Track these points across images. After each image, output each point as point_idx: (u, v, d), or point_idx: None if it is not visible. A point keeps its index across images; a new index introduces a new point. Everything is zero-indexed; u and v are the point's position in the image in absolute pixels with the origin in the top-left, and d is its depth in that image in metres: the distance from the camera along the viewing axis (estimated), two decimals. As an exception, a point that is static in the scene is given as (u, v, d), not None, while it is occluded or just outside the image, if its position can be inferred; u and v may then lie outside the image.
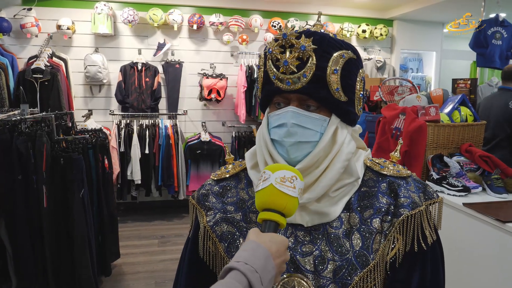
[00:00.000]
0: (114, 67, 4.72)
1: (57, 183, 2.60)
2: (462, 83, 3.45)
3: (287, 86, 0.78)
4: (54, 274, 2.59)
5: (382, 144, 2.66)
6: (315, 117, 0.80)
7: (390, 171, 0.86)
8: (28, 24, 4.36)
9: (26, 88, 4.14)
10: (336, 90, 0.79)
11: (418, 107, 2.51)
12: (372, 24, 5.34)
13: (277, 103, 0.83)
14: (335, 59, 0.79)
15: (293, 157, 0.80)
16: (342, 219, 0.82)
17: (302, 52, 0.77)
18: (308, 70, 0.77)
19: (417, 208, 0.80)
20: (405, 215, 0.79)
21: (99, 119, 4.74)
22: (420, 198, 0.83)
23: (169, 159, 4.53)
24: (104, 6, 4.47)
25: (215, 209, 0.89)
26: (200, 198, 0.92)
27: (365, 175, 0.87)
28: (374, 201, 0.82)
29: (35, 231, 2.56)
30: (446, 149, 2.50)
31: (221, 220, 0.86)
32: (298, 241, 0.81)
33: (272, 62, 0.80)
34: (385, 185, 0.84)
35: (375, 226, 0.79)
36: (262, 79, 0.84)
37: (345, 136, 0.83)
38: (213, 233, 0.86)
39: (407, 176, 0.86)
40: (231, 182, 0.93)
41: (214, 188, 0.92)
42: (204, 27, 4.89)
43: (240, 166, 0.95)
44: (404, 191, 0.82)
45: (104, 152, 3.16)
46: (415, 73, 6.25)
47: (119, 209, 4.87)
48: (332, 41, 0.80)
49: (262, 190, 0.71)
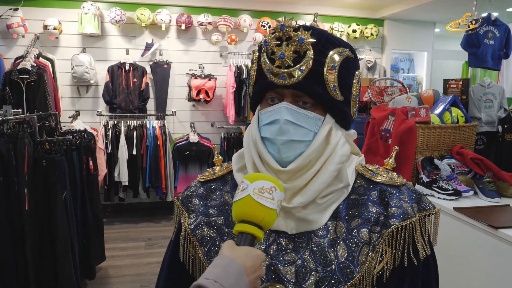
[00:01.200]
0: (101, 67, 4.64)
1: (39, 185, 2.53)
2: (453, 83, 3.44)
3: (281, 81, 0.74)
4: (36, 278, 2.52)
5: (371, 146, 2.62)
6: (309, 115, 0.76)
7: (382, 179, 0.81)
8: (14, 24, 4.27)
9: (13, 89, 4.05)
10: (333, 88, 0.75)
11: (408, 108, 2.48)
12: (363, 24, 5.31)
13: (270, 99, 0.78)
14: (333, 56, 0.75)
15: (285, 157, 0.75)
16: (329, 227, 0.77)
17: (300, 45, 0.73)
18: (304, 64, 0.73)
19: (409, 219, 0.75)
20: (395, 226, 0.74)
21: (87, 120, 4.66)
22: (413, 208, 0.77)
23: (156, 160, 4.47)
24: (91, 6, 4.39)
25: (197, 211, 0.85)
26: (184, 199, 0.89)
27: (356, 182, 0.83)
28: (363, 210, 0.78)
29: (17, 234, 2.48)
30: (437, 151, 2.47)
31: (203, 224, 0.82)
32: (281, 249, 0.77)
33: (267, 55, 0.76)
34: (376, 193, 0.79)
35: (362, 236, 0.75)
36: (255, 74, 0.80)
37: (339, 138, 0.78)
38: (194, 237, 0.82)
39: (401, 184, 0.80)
40: (216, 184, 0.89)
41: (199, 190, 0.89)
42: (193, 27, 4.83)
43: (227, 168, 0.91)
44: (395, 200, 0.77)
45: (89, 154, 3.09)
46: (406, 73, 6.24)
47: (107, 211, 4.79)
48: (331, 37, 0.77)
49: (239, 200, 0.67)
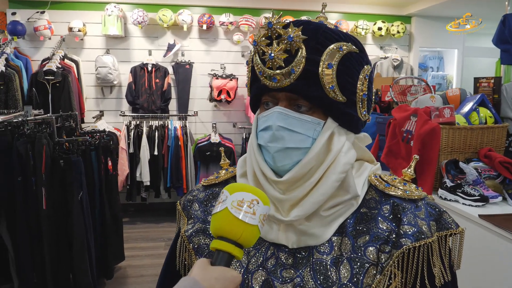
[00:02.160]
0: (124, 68, 4.70)
1: (56, 185, 2.57)
2: (484, 82, 3.24)
3: (274, 83, 0.68)
4: (53, 277, 2.57)
5: (393, 148, 2.50)
6: (306, 119, 0.68)
7: (397, 191, 0.71)
8: (41, 27, 4.40)
9: (39, 90, 4.18)
10: (330, 89, 0.67)
11: (432, 108, 2.34)
12: (389, 21, 5.13)
13: (265, 103, 0.72)
14: (330, 52, 0.67)
15: (280, 165, 0.69)
16: (333, 243, 0.70)
17: (290, 44, 0.66)
18: (296, 64, 0.66)
19: (423, 240, 0.66)
20: (407, 246, 0.65)
21: (110, 120, 4.74)
22: (430, 227, 0.68)
23: (178, 160, 4.48)
24: (114, 7, 4.46)
25: (195, 218, 0.81)
26: (185, 204, 0.85)
27: (368, 193, 0.74)
28: (372, 225, 0.69)
29: (34, 233, 2.54)
30: (462, 154, 2.32)
31: (200, 231, 0.78)
32: (279, 263, 0.70)
33: (258, 56, 0.70)
34: (388, 208, 0.70)
35: (369, 256, 0.66)
36: (250, 76, 0.74)
37: (342, 144, 0.70)
38: (190, 244, 0.78)
39: (418, 198, 0.71)
40: (219, 189, 0.83)
41: (201, 194, 0.84)
42: (214, 27, 4.81)
43: (231, 172, 0.86)
44: (410, 216, 0.68)
45: (108, 154, 3.12)
46: (436, 72, 5.99)
47: (129, 210, 4.86)
48: (329, 31, 0.68)
49: (216, 214, 0.60)
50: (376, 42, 5.25)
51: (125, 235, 3.44)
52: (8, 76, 4.03)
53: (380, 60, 5.04)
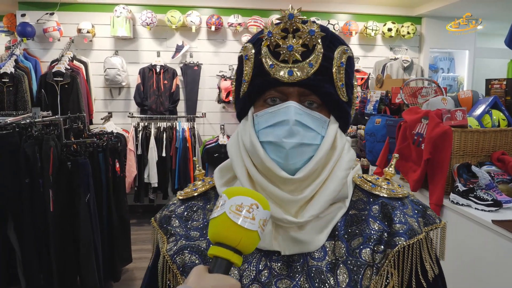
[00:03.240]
0: (133, 69, 4.72)
1: (63, 187, 2.57)
2: (497, 83, 3.18)
3: (288, 76, 0.66)
4: (60, 278, 2.57)
5: (403, 151, 2.45)
6: (317, 116, 0.68)
7: (383, 191, 0.73)
8: (50, 29, 4.44)
9: (48, 91, 4.21)
10: (341, 86, 0.69)
11: (443, 110, 2.29)
12: (399, 22, 5.08)
13: (270, 99, 0.69)
14: (340, 52, 0.69)
15: (292, 163, 0.66)
16: (326, 249, 0.68)
17: (310, 38, 0.66)
18: (315, 59, 0.66)
19: (416, 237, 0.67)
20: (401, 245, 0.66)
21: (119, 122, 4.75)
22: (419, 223, 0.70)
23: (186, 162, 4.48)
24: (123, 9, 4.48)
25: (177, 235, 0.75)
26: (162, 220, 0.79)
27: (354, 195, 0.74)
28: (364, 227, 0.69)
29: (41, 235, 2.54)
30: (475, 158, 2.27)
31: (184, 249, 0.73)
32: (274, 274, 0.67)
33: (269, 48, 0.68)
34: (377, 208, 0.71)
35: (364, 257, 0.66)
36: (251, 71, 0.70)
37: (344, 142, 0.72)
38: (174, 264, 0.72)
39: (404, 196, 0.73)
40: (198, 202, 0.79)
41: (179, 209, 0.79)
42: (223, 28, 4.80)
43: (210, 183, 0.81)
44: (399, 215, 0.69)
45: (116, 156, 3.12)
46: (446, 73, 5.91)
47: (137, 212, 4.86)
48: (335, 34, 0.72)
49: (214, 219, 0.58)
50: (386, 43, 5.19)
51: (133, 236, 3.43)
52: (18, 78, 4.06)
53: (390, 61, 4.98)
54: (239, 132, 0.74)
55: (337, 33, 4.91)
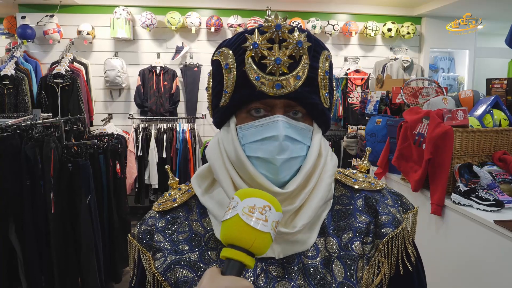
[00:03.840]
0: (133, 71, 4.72)
1: (64, 188, 2.57)
2: (497, 83, 3.18)
3: (275, 90, 0.64)
4: (61, 280, 2.56)
5: (404, 151, 2.45)
6: (302, 127, 0.68)
7: (363, 185, 0.76)
8: (50, 31, 4.44)
9: (48, 93, 4.21)
10: (326, 95, 0.70)
11: (444, 110, 2.28)
12: (399, 22, 5.08)
13: (254, 110, 0.67)
14: (323, 60, 0.69)
15: (281, 177, 0.66)
16: (318, 245, 0.70)
17: (297, 50, 0.64)
18: (301, 71, 0.65)
19: (401, 225, 0.72)
20: (390, 235, 0.70)
21: (119, 123, 4.75)
22: (400, 212, 0.74)
23: (186, 163, 4.47)
24: (123, 11, 4.48)
25: (164, 250, 0.71)
26: (143, 236, 0.75)
27: (336, 190, 0.76)
28: (351, 221, 0.72)
29: (42, 237, 2.54)
30: (476, 158, 2.26)
31: (175, 264, 0.69)
32: (270, 277, 0.67)
33: (253, 60, 0.65)
34: (361, 201, 0.74)
35: (356, 250, 0.69)
36: (233, 81, 0.67)
37: (328, 148, 0.73)
38: (165, 281, 0.69)
39: (381, 188, 0.76)
40: (180, 213, 0.75)
41: (160, 223, 0.75)
42: (222, 29, 4.80)
43: (188, 191, 0.78)
44: (383, 206, 0.73)
45: (116, 157, 3.12)
46: (446, 73, 5.90)
47: (138, 213, 4.85)
48: (317, 40, 0.70)
49: (226, 221, 0.57)
50: (385, 43, 5.19)
51: (133, 238, 3.42)
52: (18, 80, 4.06)
53: (390, 61, 4.98)
54: (220, 141, 0.71)
55: (337, 33, 4.93)
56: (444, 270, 2.10)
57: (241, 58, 0.66)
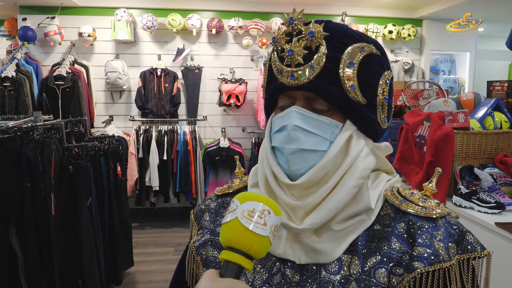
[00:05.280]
0: (134, 73, 4.72)
1: (65, 190, 2.56)
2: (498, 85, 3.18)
3: (291, 81, 0.65)
4: (62, 282, 2.56)
5: (405, 154, 2.45)
6: (324, 120, 0.65)
7: (414, 208, 0.65)
8: (51, 32, 4.44)
9: (49, 95, 4.21)
10: (351, 88, 0.64)
11: (445, 112, 2.29)
12: (399, 24, 5.08)
13: (281, 107, 0.69)
14: (351, 51, 0.65)
15: (294, 169, 0.65)
16: (342, 262, 0.65)
17: (311, 40, 0.64)
18: (316, 61, 0.64)
19: (439, 264, 0.59)
20: (419, 271, 0.59)
21: (120, 125, 4.75)
22: (449, 249, 0.61)
23: (187, 165, 4.47)
24: (124, 12, 4.48)
25: (205, 228, 0.79)
26: (198, 213, 0.83)
27: (383, 209, 0.68)
28: (384, 244, 0.64)
29: (43, 239, 2.53)
30: (477, 160, 2.26)
31: (208, 242, 0.76)
32: (285, 280, 0.66)
33: (276, 53, 0.68)
34: (403, 226, 0.64)
35: (379, 278, 0.61)
36: (267, 76, 0.72)
37: (361, 148, 0.66)
38: (198, 256, 0.76)
39: (438, 217, 0.64)
40: (230, 198, 0.79)
41: (212, 204, 0.82)
42: (223, 32, 4.81)
43: (244, 182, 0.82)
44: (425, 237, 0.61)
45: (117, 159, 3.11)
46: (447, 75, 5.90)
47: (139, 215, 4.86)
48: (350, 31, 0.67)
49: (226, 223, 0.58)
50: (386, 46, 5.19)
51: (134, 240, 3.43)
52: (19, 82, 4.06)
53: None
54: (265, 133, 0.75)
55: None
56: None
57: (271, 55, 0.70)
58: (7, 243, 2.48)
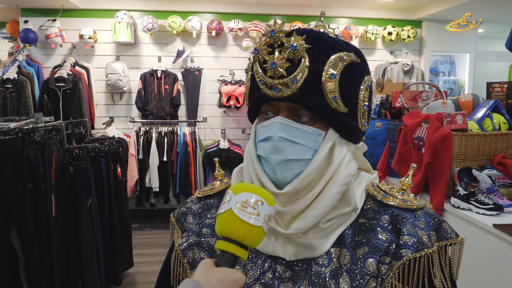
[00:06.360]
0: (134, 74, 4.74)
1: (65, 191, 2.58)
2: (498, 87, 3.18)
3: (275, 93, 0.66)
4: (62, 282, 2.57)
5: (404, 155, 2.46)
6: (307, 130, 0.68)
7: (395, 201, 0.70)
8: (52, 35, 4.47)
9: (50, 97, 4.23)
10: (333, 99, 0.66)
11: (443, 114, 2.30)
12: (399, 25, 5.10)
13: (265, 113, 0.71)
14: (333, 62, 0.66)
15: (281, 177, 0.68)
16: (332, 255, 0.68)
17: (293, 53, 0.65)
18: (299, 73, 0.65)
19: (424, 250, 0.65)
20: (407, 257, 0.64)
21: (120, 126, 4.77)
22: (431, 237, 0.67)
23: (187, 166, 4.48)
24: (124, 15, 4.51)
25: (190, 231, 0.78)
26: (179, 216, 0.82)
27: (366, 203, 0.73)
28: (371, 236, 0.68)
29: (44, 239, 2.54)
30: (476, 161, 2.27)
31: (194, 245, 0.76)
32: (277, 276, 0.69)
33: (259, 64, 0.69)
34: (387, 218, 0.69)
35: (369, 268, 0.66)
36: (249, 85, 0.73)
37: (344, 155, 0.69)
38: (184, 258, 0.75)
39: (417, 208, 0.70)
40: (213, 200, 0.81)
41: (195, 206, 0.82)
42: (223, 33, 4.83)
43: (227, 183, 0.84)
44: (409, 226, 0.67)
45: (117, 161, 3.13)
46: (447, 76, 5.91)
47: (139, 216, 4.87)
48: (331, 40, 0.68)
49: (221, 214, 0.60)
50: (386, 47, 5.20)
51: (134, 241, 3.44)
52: (20, 83, 4.08)
53: (390, 65, 4.99)
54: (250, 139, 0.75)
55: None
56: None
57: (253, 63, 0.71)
58: (8, 243, 2.49)
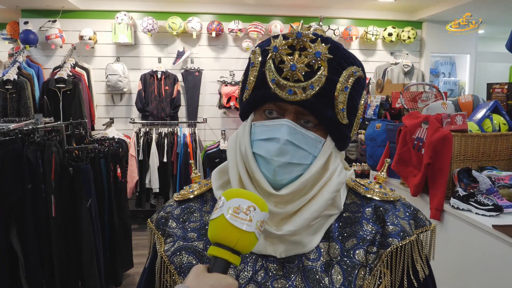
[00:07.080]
0: (134, 75, 4.75)
1: (65, 192, 2.59)
2: (498, 88, 3.18)
3: (288, 95, 0.66)
4: (62, 283, 2.57)
5: (403, 156, 2.45)
6: (311, 136, 0.69)
7: (376, 194, 0.76)
8: (52, 36, 4.47)
9: (50, 98, 4.24)
10: (341, 111, 0.69)
11: (443, 115, 2.29)
12: (399, 26, 5.10)
13: (268, 111, 0.70)
14: (346, 76, 0.68)
15: (279, 179, 0.68)
16: (321, 250, 0.71)
17: (315, 59, 0.65)
18: (316, 81, 0.66)
19: (408, 238, 0.71)
20: (394, 246, 0.69)
21: (120, 127, 4.78)
22: (411, 226, 0.74)
23: (187, 167, 4.48)
24: (125, 16, 4.51)
25: (174, 236, 0.77)
26: (159, 222, 0.81)
27: (348, 198, 0.77)
28: (357, 228, 0.72)
29: (44, 240, 2.55)
30: (475, 162, 2.26)
31: (181, 249, 0.74)
32: (270, 275, 0.69)
33: (273, 62, 0.68)
34: (370, 210, 0.74)
35: (358, 258, 0.69)
36: (255, 80, 0.70)
37: (337, 164, 0.73)
38: (171, 265, 0.74)
39: (395, 200, 0.76)
40: (195, 204, 0.81)
41: (176, 211, 0.80)
42: (223, 34, 4.83)
43: (206, 185, 0.83)
44: (392, 217, 0.72)
45: (117, 161, 3.13)
46: (447, 77, 5.91)
47: (139, 217, 4.86)
48: (346, 53, 0.70)
49: (213, 220, 0.60)
50: (386, 48, 5.20)
51: (134, 241, 3.43)
52: (20, 84, 4.09)
53: (390, 66, 4.99)
54: (238, 135, 0.74)
55: (337, 38, 4.94)
56: (443, 275, 2.10)
57: (265, 60, 0.69)
58: (8, 243, 2.50)
